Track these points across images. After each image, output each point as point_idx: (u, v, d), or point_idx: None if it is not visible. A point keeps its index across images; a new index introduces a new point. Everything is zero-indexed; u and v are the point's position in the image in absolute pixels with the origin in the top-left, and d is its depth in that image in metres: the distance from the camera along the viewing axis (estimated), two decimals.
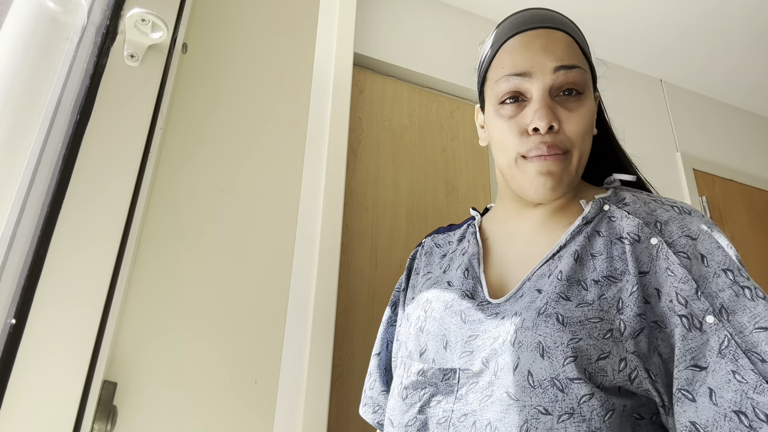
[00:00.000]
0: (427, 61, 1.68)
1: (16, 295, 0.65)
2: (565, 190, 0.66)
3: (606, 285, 0.59)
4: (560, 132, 0.65)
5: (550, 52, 0.66)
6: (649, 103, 2.10)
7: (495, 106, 0.69)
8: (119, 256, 0.77)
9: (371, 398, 0.79)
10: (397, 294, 0.85)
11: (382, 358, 0.81)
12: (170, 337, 0.94)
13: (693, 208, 0.63)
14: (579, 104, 0.66)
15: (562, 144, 0.65)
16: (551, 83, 0.65)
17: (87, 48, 0.81)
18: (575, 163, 0.66)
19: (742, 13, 1.85)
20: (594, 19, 1.91)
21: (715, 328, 0.52)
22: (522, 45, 0.68)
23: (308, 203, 1.17)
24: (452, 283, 0.71)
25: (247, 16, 1.29)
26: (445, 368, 0.63)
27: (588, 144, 0.68)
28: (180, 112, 1.12)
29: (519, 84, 0.66)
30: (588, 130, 0.67)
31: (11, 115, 0.67)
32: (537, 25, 0.69)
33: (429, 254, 0.82)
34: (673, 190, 1.95)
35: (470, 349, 0.62)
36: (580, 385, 0.53)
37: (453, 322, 0.65)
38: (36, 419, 0.65)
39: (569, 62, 0.65)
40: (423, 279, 0.78)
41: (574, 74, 0.65)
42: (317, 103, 1.28)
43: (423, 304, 0.72)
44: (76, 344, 0.70)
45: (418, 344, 0.68)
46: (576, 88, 0.66)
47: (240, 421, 0.94)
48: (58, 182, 0.72)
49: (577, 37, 0.70)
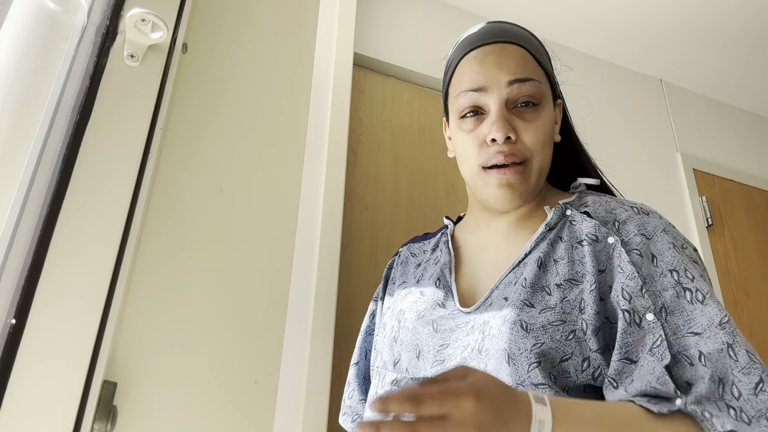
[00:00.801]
0: (427, 61, 1.68)
1: (16, 295, 0.65)
2: (527, 199, 0.70)
3: (568, 288, 0.61)
4: (518, 142, 0.67)
5: (504, 67, 0.68)
6: (649, 103, 2.10)
7: (457, 120, 0.72)
8: (119, 256, 0.77)
9: (350, 407, 0.80)
10: (374, 303, 0.87)
11: (361, 367, 0.82)
12: (170, 337, 0.94)
13: (652, 209, 0.66)
14: (536, 115, 0.68)
15: (521, 153, 0.67)
16: (507, 96, 0.68)
17: (87, 48, 0.81)
18: (534, 172, 0.69)
19: (742, 13, 1.85)
20: (593, 19, 1.91)
21: (653, 327, 0.54)
22: (477, 61, 0.70)
23: (308, 203, 1.17)
24: (425, 293, 0.73)
25: (247, 16, 1.29)
26: (418, 377, 0.64)
27: (547, 153, 0.71)
28: (180, 112, 1.12)
29: (476, 99, 0.69)
30: (546, 139, 0.69)
31: (11, 115, 0.67)
32: (491, 40, 0.71)
33: (405, 264, 0.83)
34: (673, 190, 1.95)
35: (442, 358, 0.63)
36: (544, 391, 0.54)
37: (425, 332, 0.67)
38: (36, 419, 0.65)
39: (523, 75, 0.68)
40: (399, 288, 0.80)
41: (528, 87, 0.68)
42: (317, 103, 1.28)
43: (397, 314, 0.73)
44: (76, 344, 0.70)
45: (392, 354, 0.70)
46: (532, 100, 0.69)
47: (240, 421, 0.94)
48: (58, 182, 0.72)
49: (533, 49, 0.73)
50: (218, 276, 1.02)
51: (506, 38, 0.71)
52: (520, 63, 0.69)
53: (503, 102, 0.68)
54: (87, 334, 0.71)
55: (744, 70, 2.13)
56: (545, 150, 0.70)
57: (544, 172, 0.71)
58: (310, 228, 1.15)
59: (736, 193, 2.09)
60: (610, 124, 1.96)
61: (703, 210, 1.95)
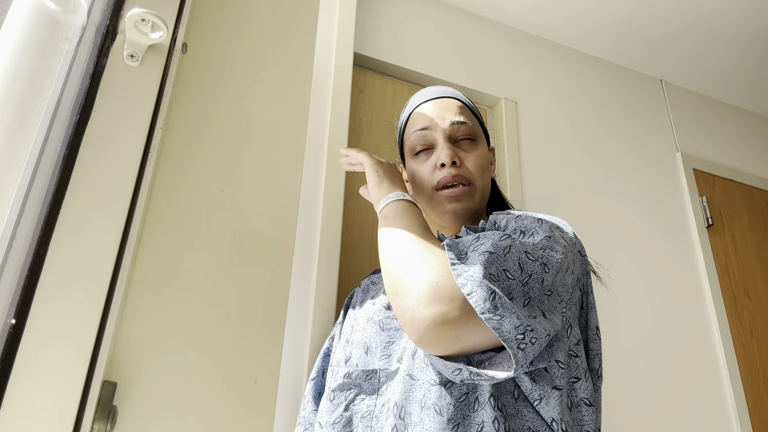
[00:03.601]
0: (428, 61, 1.68)
1: (16, 295, 0.65)
2: (472, 216, 0.83)
3: None
4: (462, 167, 0.83)
5: (447, 111, 0.87)
6: (649, 103, 2.10)
7: (412, 157, 0.89)
8: (119, 256, 0.77)
9: (304, 417, 0.87)
10: (335, 328, 0.96)
11: (317, 383, 0.90)
12: (170, 337, 0.94)
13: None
14: (474, 147, 0.86)
15: (466, 176, 0.83)
16: (450, 132, 0.85)
17: (87, 48, 0.81)
18: (478, 192, 0.84)
19: (742, 13, 1.85)
20: (593, 19, 1.91)
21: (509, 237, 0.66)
22: (425, 109, 0.89)
23: (308, 203, 1.17)
24: (375, 302, 0.83)
25: (247, 16, 1.29)
26: (368, 369, 0.73)
27: (487, 179, 0.86)
28: (180, 112, 1.12)
29: (426, 136, 0.86)
30: (484, 167, 0.85)
31: (11, 115, 0.67)
32: (436, 96, 0.90)
33: (365, 291, 0.94)
34: (673, 190, 1.95)
35: (388, 353, 0.73)
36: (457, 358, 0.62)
37: (373, 330, 0.77)
38: (36, 419, 0.65)
39: (460, 119, 0.86)
40: (357, 308, 0.90)
41: (465, 127, 0.86)
42: (317, 103, 1.28)
43: (352, 321, 0.85)
44: (76, 344, 0.70)
45: (344, 353, 0.79)
46: (470, 136, 0.86)
47: (240, 421, 0.94)
48: (58, 182, 0.72)
49: (467, 102, 0.91)
50: (218, 276, 1.02)
51: (445, 95, 0.90)
52: (458, 110, 0.87)
53: (447, 136, 0.85)
54: (87, 334, 0.71)
55: (744, 70, 2.13)
56: (485, 177, 0.85)
57: (486, 197, 0.86)
58: (310, 228, 1.15)
59: (736, 193, 2.09)
60: (610, 124, 1.95)
61: (703, 210, 1.95)
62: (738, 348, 1.76)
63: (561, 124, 1.85)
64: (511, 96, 1.78)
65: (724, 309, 1.80)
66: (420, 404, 0.62)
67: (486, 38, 1.86)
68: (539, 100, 1.85)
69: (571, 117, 1.88)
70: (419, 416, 0.61)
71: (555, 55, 1.99)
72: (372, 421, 0.67)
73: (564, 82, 1.95)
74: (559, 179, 1.73)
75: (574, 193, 1.74)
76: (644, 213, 1.84)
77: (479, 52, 1.82)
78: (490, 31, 1.88)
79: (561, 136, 1.82)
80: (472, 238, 0.63)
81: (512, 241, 0.61)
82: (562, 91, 1.92)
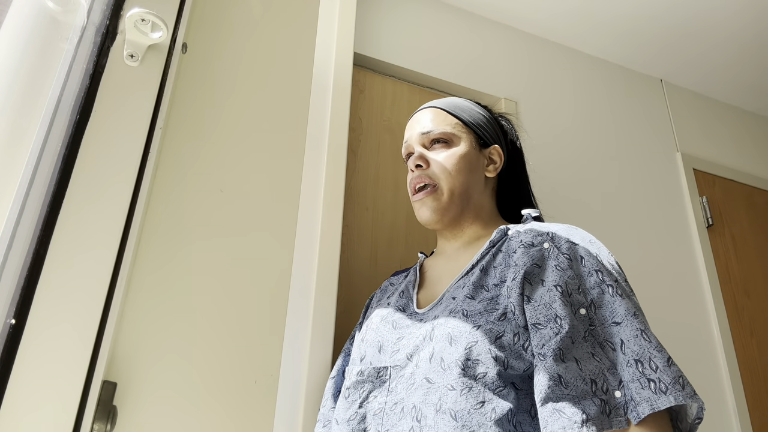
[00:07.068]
0: (427, 61, 1.68)
1: (16, 295, 0.65)
2: (445, 215, 0.88)
3: (501, 285, 0.74)
4: (428, 169, 0.89)
5: (420, 124, 0.94)
6: (649, 103, 2.10)
7: (404, 164, 1.00)
8: (119, 256, 0.77)
9: (323, 414, 0.89)
10: (355, 329, 0.99)
11: (337, 381, 0.92)
12: (170, 337, 0.94)
13: (576, 227, 0.79)
14: (444, 149, 0.90)
15: (430, 177, 0.88)
16: (420, 140, 0.93)
17: (87, 48, 0.81)
18: (446, 192, 0.87)
19: (742, 14, 1.85)
20: (593, 19, 1.91)
21: (585, 320, 0.66)
22: (409, 124, 0.98)
23: (308, 203, 1.17)
24: (390, 303, 0.87)
25: (247, 16, 1.29)
26: (379, 367, 0.76)
27: (461, 179, 0.88)
28: (180, 112, 1.12)
29: (408, 147, 0.95)
30: (457, 167, 0.88)
31: (11, 115, 0.67)
32: (419, 110, 0.98)
33: (384, 291, 0.98)
34: (673, 190, 1.95)
35: (398, 348, 0.76)
36: (478, 364, 0.65)
37: (386, 329, 0.80)
38: (36, 419, 0.65)
39: (429, 129, 0.92)
40: (376, 308, 0.93)
41: (436, 132, 0.91)
42: (317, 103, 1.28)
43: (368, 322, 0.88)
44: (75, 344, 0.70)
45: (359, 351, 0.83)
46: (442, 139, 0.91)
47: (240, 421, 0.94)
48: (58, 182, 0.72)
49: (446, 107, 0.95)
50: (218, 276, 1.02)
51: (426, 106, 0.97)
52: (429, 117, 0.94)
53: (420, 143, 0.93)
54: (87, 334, 0.71)
55: (744, 70, 2.13)
56: (458, 176, 0.87)
57: (464, 195, 0.88)
58: (310, 228, 1.15)
59: (736, 193, 2.09)
60: (610, 124, 1.96)
61: (703, 210, 1.95)
62: (738, 348, 1.76)
63: (561, 124, 1.85)
64: (512, 96, 1.78)
65: (724, 309, 1.79)
66: (435, 407, 0.64)
67: (486, 38, 1.86)
68: (539, 100, 1.85)
69: (571, 117, 1.88)
70: (434, 419, 0.63)
71: (555, 55, 1.99)
72: (383, 419, 0.70)
73: (564, 82, 1.95)
74: (559, 179, 1.73)
75: (574, 193, 1.74)
76: (644, 213, 1.84)
77: (479, 52, 1.82)
78: (491, 31, 1.88)
79: (561, 136, 1.82)
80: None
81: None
82: (563, 91, 1.92)
